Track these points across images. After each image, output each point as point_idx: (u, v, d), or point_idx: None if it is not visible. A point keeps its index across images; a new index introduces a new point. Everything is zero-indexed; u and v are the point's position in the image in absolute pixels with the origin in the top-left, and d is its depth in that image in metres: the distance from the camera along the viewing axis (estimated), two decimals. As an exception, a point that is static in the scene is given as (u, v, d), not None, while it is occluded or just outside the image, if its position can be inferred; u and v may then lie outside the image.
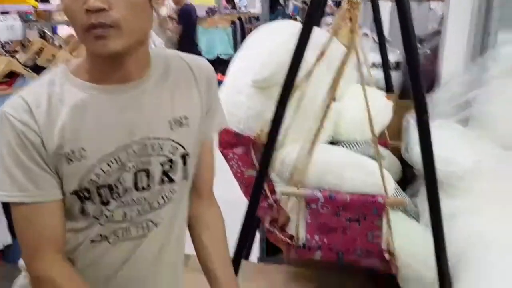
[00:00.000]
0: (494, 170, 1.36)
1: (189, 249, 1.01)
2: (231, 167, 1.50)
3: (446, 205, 1.22)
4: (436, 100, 1.48)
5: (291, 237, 1.40)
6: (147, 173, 0.82)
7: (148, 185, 0.82)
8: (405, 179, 1.66)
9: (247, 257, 2.21)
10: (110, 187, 0.79)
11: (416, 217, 1.40)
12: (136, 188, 0.81)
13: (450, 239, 1.19)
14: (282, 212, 1.38)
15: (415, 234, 1.32)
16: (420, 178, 1.46)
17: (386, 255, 1.31)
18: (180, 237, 0.93)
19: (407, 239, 1.30)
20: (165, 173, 0.84)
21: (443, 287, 1.16)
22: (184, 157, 0.85)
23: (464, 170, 1.30)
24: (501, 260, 1.10)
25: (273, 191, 1.43)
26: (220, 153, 1.50)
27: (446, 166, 1.26)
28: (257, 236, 2.24)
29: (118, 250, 0.83)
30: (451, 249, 1.18)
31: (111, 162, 0.78)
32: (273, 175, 1.41)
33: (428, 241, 1.22)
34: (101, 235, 0.81)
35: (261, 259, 2.23)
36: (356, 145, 1.46)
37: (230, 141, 1.43)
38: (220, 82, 1.04)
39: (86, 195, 0.78)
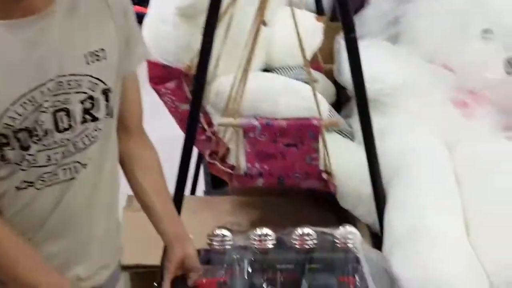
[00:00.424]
0: (422, 85, 1.41)
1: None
2: (165, 103, 1.46)
3: (378, 122, 1.26)
4: (365, 19, 1.48)
5: (232, 167, 1.41)
6: (67, 112, 0.77)
7: (70, 125, 0.78)
8: (340, 102, 1.69)
9: (193, 192, 2.24)
10: (28, 131, 0.74)
11: (351, 137, 1.44)
12: (58, 129, 0.77)
13: (383, 155, 1.23)
14: (221, 144, 1.38)
15: (350, 153, 1.36)
16: (353, 99, 1.49)
17: (324, 176, 1.35)
18: (112, 178, 0.90)
19: (343, 158, 1.34)
20: (86, 111, 0.79)
21: (377, 200, 1.23)
22: (105, 92, 0.81)
23: (393, 87, 1.33)
24: (427, 172, 1.17)
25: (210, 124, 1.41)
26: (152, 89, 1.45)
27: (375, 84, 1.29)
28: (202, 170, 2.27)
29: (47, 195, 0.80)
30: (384, 164, 1.23)
31: (25, 103, 0.73)
32: (208, 107, 1.39)
33: (362, 158, 1.27)
34: (26, 181, 0.77)
35: (207, 192, 2.25)
36: (290, 70, 1.45)
37: (161, 75, 1.38)
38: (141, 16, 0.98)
39: (4, 141, 0.74)
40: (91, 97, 0.79)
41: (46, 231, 0.82)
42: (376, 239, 1.25)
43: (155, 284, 1.01)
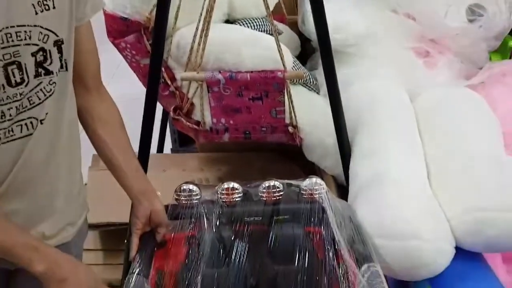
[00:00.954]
0: (385, 34, 1.40)
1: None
2: (126, 57, 1.41)
3: (342, 73, 1.25)
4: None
5: (198, 123, 1.39)
6: (19, 65, 0.73)
7: (23, 79, 0.74)
8: (305, 54, 1.67)
9: (160, 150, 2.21)
10: None
11: (316, 89, 1.44)
12: (9, 84, 0.73)
13: (348, 104, 1.24)
14: (185, 99, 1.35)
15: (315, 106, 1.36)
16: (318, 51, 1.48)
17: (290, 128, 1.35)
18: (72, 133, 0.87)
19: (308, 111, 1.34)
20: (39, 64, 0.76)
21: (342, 150, 1.24)
22: (58, 44, 0.77)
23: (356, 36, 1.32)
24: (390, 119, 1.19)
25: (173, 79, 1.38)
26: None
27: (339, 34, 1.27)
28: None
29: (5, 152, 0.77)
30: (348, 114, 1.23)
31: None
32: (170, 61, 1.34)
33: (327, 110, 1.27)
34: None
35: (174, 151, 2.23)
36: (253, 22, 1.41)
37: (119, 28, 1.32)
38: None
39: None
40: (43, 49, 0.75)
41: (7, 188, 0.79)
42: (342, 191, 1.28)
43: (126, 241, 1.01)
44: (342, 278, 0.91)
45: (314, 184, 1.06)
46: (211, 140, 1.44)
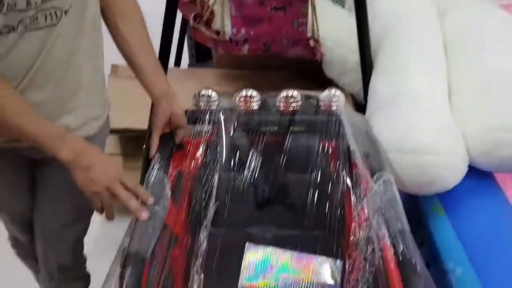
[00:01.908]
0: None
1: (118, 60, 0.96)
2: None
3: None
4: None
5: (217, 32, 1.36)
6: None
7: None
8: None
9: (178, 64, 2.19)
10: None
11: (341, 2, 1.39)
12: None
13: (372, 20, 1.20)
14: (205, 7, 1.32)
15: (339, 19, 1.32)
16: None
17: (311, 42, 1.33)
18: (95, 27, 0.87)
19: (331, 24, 1.31)
20: None
21: (364, 67, 1.22)
22: None
23: None
24: (415, 36, 1.15)
25: (194, -15, 1.34)
26: None
27: None
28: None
29: (29, 41, 0.77)
30: (373, 30, 1.20)
31: None
32: (192, -34, 1.30)
33: (351, 25, 1.23)
34: (7, 26, 0.74)
35: (191, 65, 2.21)
36: None
37: None
38: None
39: None
40: None
41: (31, 79, 0.80)
42: (360, 109, 1.27)
43: (145, 145, 1.03)
44: (354, 185, 0.93)
45: (332, 96, 1.06)
46: (230, 51, 1.42)
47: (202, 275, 0.83)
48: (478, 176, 1.04)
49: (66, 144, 0.77)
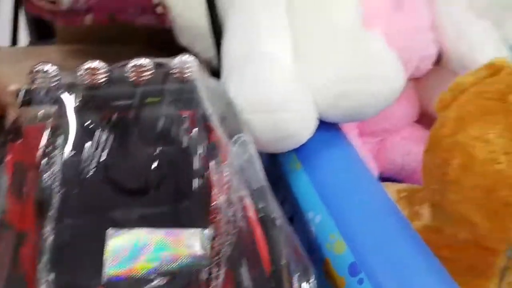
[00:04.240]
0: None
1: None
2: None
3: None
4: None
5: (53, 2, 1.22)
6: None
7: None
8: None
9: (14, 43, 1.95)
10: None
11: (186, -34, 1.34)
12: None
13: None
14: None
15: (186, -17, 1.28)
16: None
17: (159, 9, 1.27)
18: None
19: (178, -11, 1.26)
20: None
21: (215, 30, 1.20)
22: None
23: None
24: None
25: None
26: None
27: None
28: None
29: None
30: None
31: None
32: None
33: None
34: None
35: (32, 44, 1.99)
36: None
37: None
38: None
39: None
40: None
41: None
42: (216, 75, 1.26)
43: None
44: (213, 151, 0.92)
45: (185, 63, 1.02)
46: (72, 23, 1.29)
47: (53, 273, 0.75)
48: (327, 128, 1.10)
49: None
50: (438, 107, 1.04)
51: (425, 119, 1.51)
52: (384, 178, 1.47)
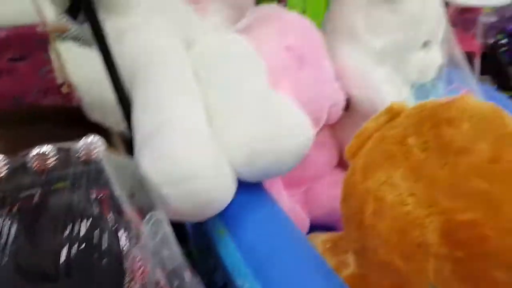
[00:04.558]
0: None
1: None
2: None
3: (114, 22, 1.18)
4: None
5: None
6: None
7: None
8: (77, 7, 1.53)
9: None
10: None
11: (88, 44, 1.34)
12: None
13: (123, 58, 1.18)
14: None
15: (89, 61, 1.26)
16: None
17: (64, 89, 1.24)
18: None
19: (82, 67, 1.25)
20: None
21: (122, 104, 1.19)
22: None
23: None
24: (165, 68, 1.17)
25: None
26: None
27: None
28: None
29: None
30: (124, 67, 1.18)
31: None
32: None
33: (101, 65, 1.19)
34: None
35: None
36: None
37: None
38: None
39: None
40: None
41: None
42: (131, 146, 1.24)
43: None
44: (125, 233, 0.89)
45: (90, 144, 1.00)
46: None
47: None
48: (247, 188, 1.10)
49: None
50: (347, 156, 1.07)
51: (345, 162, 1.56)
52: (315, 225, 1.49)
